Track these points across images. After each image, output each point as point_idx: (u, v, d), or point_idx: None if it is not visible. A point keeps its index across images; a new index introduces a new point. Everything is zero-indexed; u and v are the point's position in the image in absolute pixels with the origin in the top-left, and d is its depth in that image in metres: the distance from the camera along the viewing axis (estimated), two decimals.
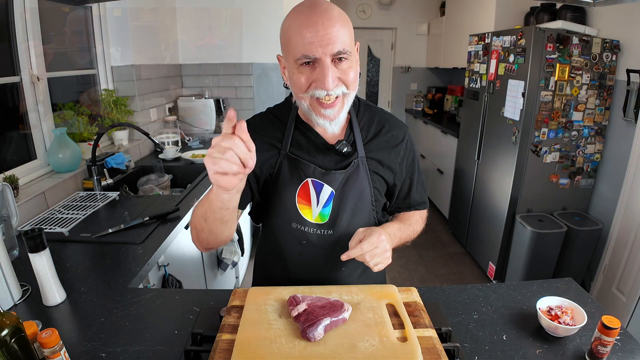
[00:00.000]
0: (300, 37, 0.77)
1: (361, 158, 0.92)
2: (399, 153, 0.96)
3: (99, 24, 2.30)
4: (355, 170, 0.92)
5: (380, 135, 0.95)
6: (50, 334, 0.71)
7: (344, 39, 0.78)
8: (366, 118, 0.96)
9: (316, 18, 0.76)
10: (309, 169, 0.91)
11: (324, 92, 0.79)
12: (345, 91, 0.82)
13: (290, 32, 0.79)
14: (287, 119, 0.94)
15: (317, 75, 0.79)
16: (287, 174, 0.92)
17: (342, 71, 0.80)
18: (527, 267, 2.48)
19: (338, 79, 0.80)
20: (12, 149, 1.76)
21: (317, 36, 0.76)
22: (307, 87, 0.81)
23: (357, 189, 0.93)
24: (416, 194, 1.03)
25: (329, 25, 0.76)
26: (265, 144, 0.93)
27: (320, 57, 0.77)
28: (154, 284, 1.38)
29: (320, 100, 0.81)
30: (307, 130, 0.93)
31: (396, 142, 0.96)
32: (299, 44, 0.77)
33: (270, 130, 0.94)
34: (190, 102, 3.08)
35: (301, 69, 0.80)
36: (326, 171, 0.90)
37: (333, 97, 0.81)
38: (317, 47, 0.76)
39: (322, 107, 0.82)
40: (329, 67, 0.78)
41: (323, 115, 0.83)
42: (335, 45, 0.77)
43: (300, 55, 0.78)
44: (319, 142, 0.92)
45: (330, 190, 0.91)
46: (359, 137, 0.93)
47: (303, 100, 0.84)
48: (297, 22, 0.78)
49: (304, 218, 0.93)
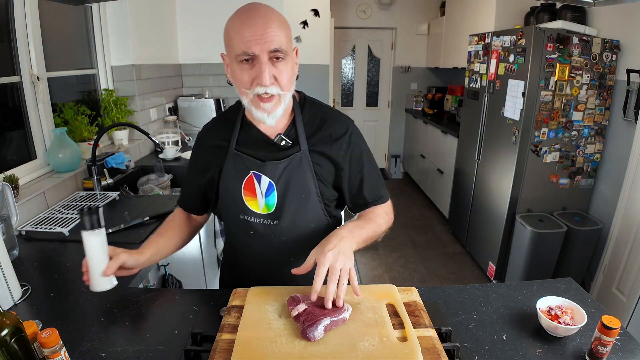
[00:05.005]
0: (240, 35, 0.84)
1: (304, 151, 0.97)
2: (340, 146, 0.99)
3: (99, 24, 2.30)
4: (297, 164, 0.96)
5: (322, 129, 1.00)
6: (50, 333, 0.71)
7: (280, 39, 0.85)
8: (310, 114, 1.01)
9: (255, 19, 0.84)
10: (250, 162, 0.97)
11: (262, 89, 0.86)
12: (280, 92, 0.89)
13: (232, 32, 0.86)
14: (235, 120, 1.02)
15: (256, 71, 0.85)
16: (233, 169, 0.99)
17: (278, 70, 0.87)
18: (527, 267, 2.48)
19: (274, 77, 0.86)
20: (12, 149, 1.75)
21: (256, 35, 0.83)
22: (250, 84, 0.87)
23: (299, 180, 0.97)
24: (370, 187, 1.04)
25: (267, 25, 0.83)
26: (214, 145, 1.02)
27: (258, 54, 0.84)
28: (154, 284, 1.38)
29: (260, 95, 0.88)
30: (251, 128, 1.00)
31: (337, 136, 1.00)
32: (239, 41, 0.84)
33: (219, 132, 1.03)
34: (190, 102, 3.08)
35: (242, 65, 0.86)
36: (262, 162, 0.97)
37: (270, 94, 0.88)
38: (255, 45, 0.83)
39: (261, 101, 0.89)
40: (266, 63, 0.85)
41: (262, 109, 0.90)
42: (272, 43, 0.84)
43: (240, 52, 0.84)
44: (261, 137, 0.99)
45: (268, 180, 0.96)
46: (301, 131, 0.98)
47: (245, 96, 0.90)
48: (239, 22, 0.85)
49: (250, 209, 0.99)
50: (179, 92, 3.22)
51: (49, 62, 1.88)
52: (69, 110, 2.01)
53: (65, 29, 2.17)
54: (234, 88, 0.91)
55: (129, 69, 2.42)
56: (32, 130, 1.79)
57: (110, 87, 2.41)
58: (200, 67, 3.20)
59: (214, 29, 3.08)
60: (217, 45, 3.49)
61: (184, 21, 3.10)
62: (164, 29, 2.94)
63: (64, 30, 2.16)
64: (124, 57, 2.40)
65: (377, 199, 1.06)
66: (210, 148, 1.03)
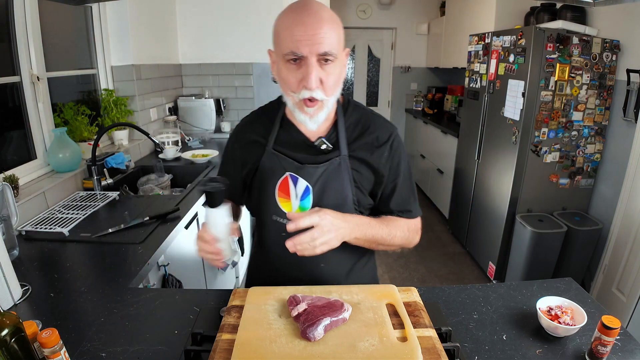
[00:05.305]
0: (290, 34, 0.81)
1: (343, 156, 0.95)
2: (382, 153, 0.97)
3: (99, 24, 2.30)
4: (335, 168, 0.94)
5: (365, 135, 0.97)
6: (50, 333, 0.71)
7: (331, 41, 0.82)
8: (353, 118, 0.99)
9: (306, 17, 0.80)
10: (287, 163, 0.95)
11: (308, 92, 0.84)
12: (323, 97, 0.86)
13: (280, 28, 0.83)
14: (275, 117, 0.99)
15: (302, 73, 0.83)
16: (269, 168, 0.97)
17: (326, 73, 0.84)
18: (527, 267, 2.48)
19: (320, 80, 0.84)
20: (12, 149, 1.75)
21: (306, 35, 0.80)
22: (297, 87, 0.85)
23: (337, 186, 0.95)
24: (399, 199, 1.01)
25: (318, 26, 0.80)
26: (251, 141, 1.00)
27: (306, 55, 0.81)
28: (154, 283, 1.38)
29: (305, 99, 0.86)
30: (291, 128, 0.98)
31: (380, 143, 0.97)
32: (288, 40, 0.81)
33: (258, 128, 1.01)
34: (190, 102, 3.08)
35: (288, 65, 0.84)
36: (300, 165, 0.94)
37: (315, 99, 0.86)
38: (304, 45, 0.80)
39: (306, 105, 0.87)
40: (314, 66, 0.82)
41: (305, 112, 0.88)
42: (322, 45, 0.80)
43: (288, 52, 0.81)
44: (301, 139, 0.97)
45: (306, 184, 0.94)
46: (342, 136, 0.96)
47: (290, 98, 0.88)
48: (289, 19, 0.82)
49: (283, 211, 0.96)
50: (179, 92, 3.22)
51: (49, 62, 1.88)
52: (69, 110, 2.01)
53: (65, 29, 2.17)
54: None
55: (129, 69, 2.42)
56: (32, 130, 1.79)
57: (110, 87, 2.41)
58: (200, 67, 3.20)
59: (214, 29, 3.10)
60: (217, 45, 3.50)
61: (184, 21, 3.10)
62: (164, 29, 2.93)
63: (64, 30, 2.16)
64: (124, 57, 2.40)
65: (403, 212, 1.02)
66: (247, 144, 1.01)
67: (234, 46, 3.12)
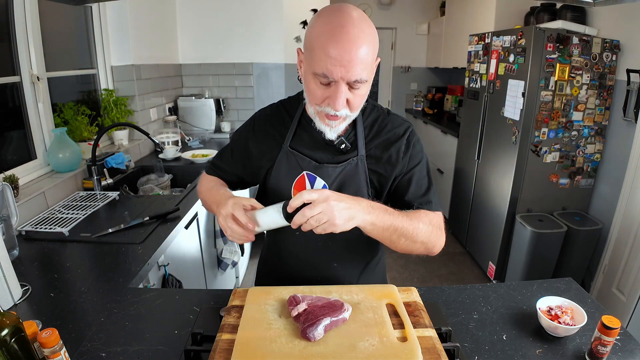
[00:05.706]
0: (324, 55, 0.77)
1: (360, 157, 0.95)
2: (399, 147, 0.96)
3: (99, 24, 2.30)
4: (352, 168, 0.94)
5: (382, 134, 0.97)
6: (50, 333, 0.71)
7: (366, 64, 0.80)
8: (371, 118, 0.99)
9: (345, 41, 0.76)
10: (305, 162, 0.95)
11: (332, 111, 0.83)
12: (348, 114, 0.86)
13: (315, 43, 0.79)
14: (294, 114, 0.99)
15: (330, 92, 0.82)
16: (285, 166, 0.96)
17: (353, 96, 0.84)
18: (527, 267, 2.48)
19: (347, 100, 0.83)
20: (12, 149, 1.75)
21: (342, 60, 0.77)
22: (321, 101, 0.85)
23: (353, 186, 0.95)
24: (417, 188, 0.96)
25: (355, 53, 0.77)
26: (269, 136, 0.99)
27: (337, 80, 0.80)
28: (154, 283, 1.38)
29: (328, 114, 0.86)
30: (309, 126, 0.96)
31: (396, 138, 0.97)
32: (322, 60, 0.78)
33: (276, 123, 1.00)
34: (190, 102, 3.08)
35: (317, 80, 0.82)
36: (319, 164, 0.94)
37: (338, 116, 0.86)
38: (338, 71, 0.78)
39: (327, 118, 0.87)
40: (343, 92, 0.81)
41: (326, 124, 0.88)
42: (354, 74, 0.79)
43: (320, 73, 0.80)
44: (320, 138, 0.95)
45: (323, 183, 0.94)
46: (361, 136, 0.95)
47: (312, 107, 0.88)
48: (325, 37, 0.77)
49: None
50: (179, 92, 3.22)
51: (49, 62, 1.88)
52: (69, 110, 2.01)
53: (65, 29, 2.17)
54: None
55: (129, 69, 2.42)
56: (32, 130, 1.79)
57: (110, 87, 2.41)
58: (200, 67, 3.20)
59: (214, 29, 3.10)
60: (217, 45, 3.49)
61: (184, 21, 3.10)
62: (164, 29, 2.93)
63: (64, 30, 2.16)
64: (124, 57, 2.40)
65: (423, 203, 0.95)
66: (264, 138, 1.00)
67: (233, 46, 3.13)
